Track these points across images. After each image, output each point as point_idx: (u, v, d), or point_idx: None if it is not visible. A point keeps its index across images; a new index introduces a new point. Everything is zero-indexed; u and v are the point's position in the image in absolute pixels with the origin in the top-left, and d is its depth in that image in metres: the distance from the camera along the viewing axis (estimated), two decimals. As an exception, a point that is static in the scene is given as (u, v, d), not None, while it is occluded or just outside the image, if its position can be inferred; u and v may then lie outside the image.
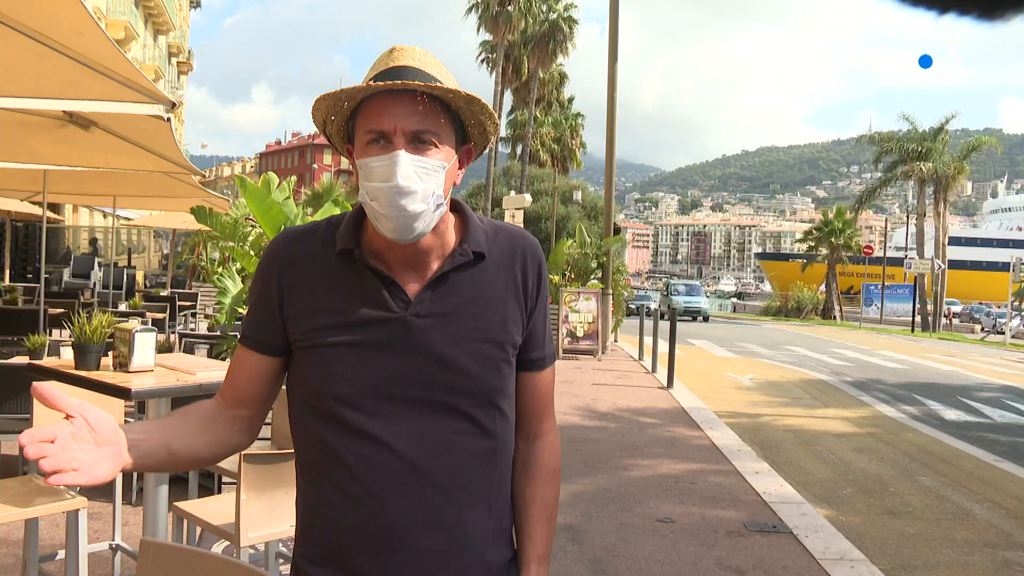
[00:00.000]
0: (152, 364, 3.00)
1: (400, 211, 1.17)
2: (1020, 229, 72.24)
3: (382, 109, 1.19)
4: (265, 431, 3.77)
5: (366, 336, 1.22)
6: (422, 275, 1.26)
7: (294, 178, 9.70)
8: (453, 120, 1.24)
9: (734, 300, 64.21)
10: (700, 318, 35.21)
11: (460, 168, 1.29)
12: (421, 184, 1.18)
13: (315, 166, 77.25)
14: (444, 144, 1.22)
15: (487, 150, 1.36)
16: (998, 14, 0.72)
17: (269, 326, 1.28)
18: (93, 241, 25.01)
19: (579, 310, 13.58)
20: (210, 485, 4.28)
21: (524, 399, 1.36)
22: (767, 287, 65.70)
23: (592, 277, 15.19)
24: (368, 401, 1.21)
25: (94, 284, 17.24)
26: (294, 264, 1.27)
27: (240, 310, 5.92)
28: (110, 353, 3.08)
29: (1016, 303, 29.09)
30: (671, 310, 12.28)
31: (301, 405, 1.28)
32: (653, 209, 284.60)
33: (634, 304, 31.50)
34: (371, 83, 1.19)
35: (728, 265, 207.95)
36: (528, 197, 20.36)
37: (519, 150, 42.31)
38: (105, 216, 27.01)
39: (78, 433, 1.03)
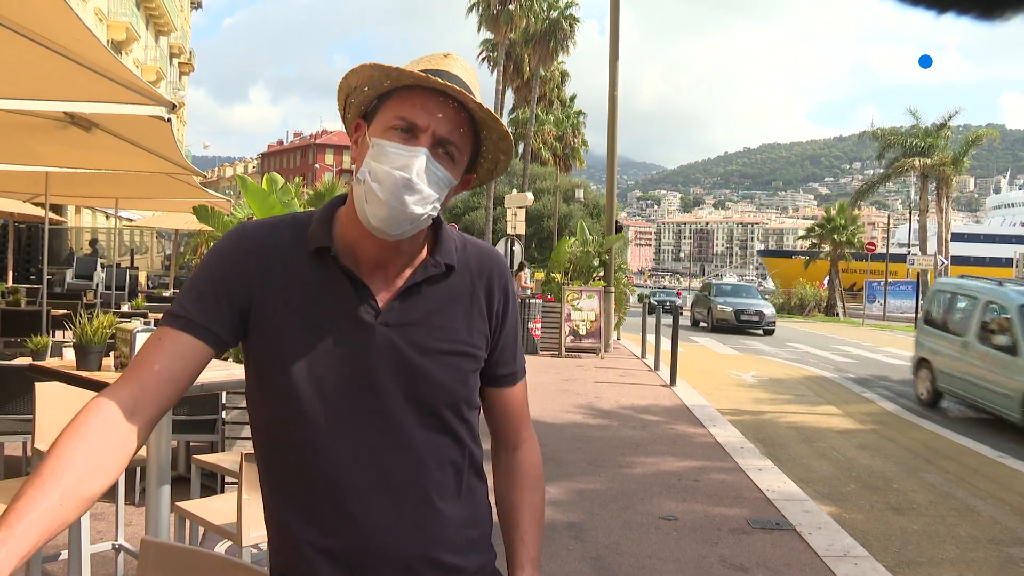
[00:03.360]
0: (154, 364, 2.99)
1: (400, 204, 1.14)
2: (1023, 225, 72.14)
3: (424, 103, 1.16)
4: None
5: (332, 342, 1.19)
6: (391, 280, 1.24)
7: (299, 179, 9.72)
8: (473, 145, 1.24)
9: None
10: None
11: (456, 191, 1.27)
12: (428, 188, 1.16)
13: (317, 166, 77.35)
14: (458, 165, 1.22)
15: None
16: (997, 14, 0.72)
17: (223, 317, 1.18)
18: (94, 242, 25.03)
19: (581, 308, 13.58)
20: (212, 485, 4.28)
21: (501, 412, 1.38)
22: (770, 284, 65.55)
23: (594, 275, 15.19)
24: (331, 411, 1.18)
25: (97, 285, 17.24)
26: (268, 259, 1.21)
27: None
28: (111, 354, 3.08)
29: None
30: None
31: (264, 414, 1.24)
32: (655, 207, 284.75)
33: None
34: (428, 74, 1.15)
35: (731, 263, 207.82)
36: (530, 195, 20.37)
37: (521, 148, 42.33)
38: (107, 217, 27.04)
39: None
